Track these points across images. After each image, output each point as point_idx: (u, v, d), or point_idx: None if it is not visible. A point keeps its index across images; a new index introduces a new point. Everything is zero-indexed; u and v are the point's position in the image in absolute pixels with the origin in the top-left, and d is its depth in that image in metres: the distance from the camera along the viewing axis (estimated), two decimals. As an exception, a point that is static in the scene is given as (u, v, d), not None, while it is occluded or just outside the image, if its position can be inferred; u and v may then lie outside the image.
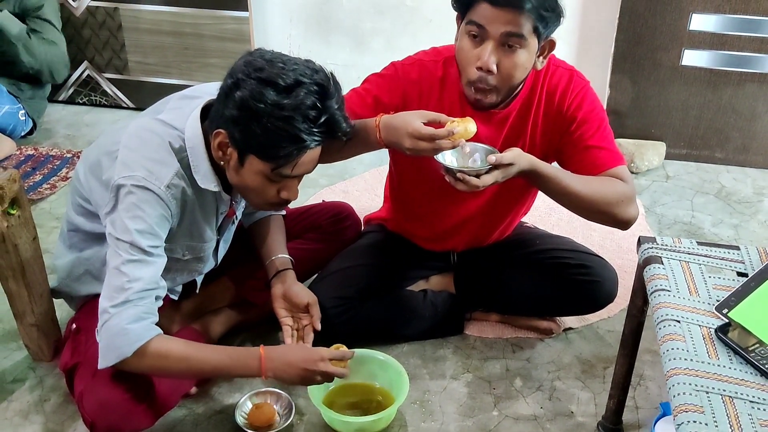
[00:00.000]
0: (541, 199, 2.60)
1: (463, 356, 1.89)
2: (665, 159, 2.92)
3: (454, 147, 1.48)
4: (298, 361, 1.49)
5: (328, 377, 1.52)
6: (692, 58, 2.77)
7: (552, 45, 1.59)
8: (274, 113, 1.33)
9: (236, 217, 1.71)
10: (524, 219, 2.05)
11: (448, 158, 1.52)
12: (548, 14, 1.49)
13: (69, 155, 2.82)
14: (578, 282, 1.81)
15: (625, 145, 2.85)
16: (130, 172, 1.41)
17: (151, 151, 1.44)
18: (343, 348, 1.58)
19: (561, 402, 1.75)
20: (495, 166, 1.46)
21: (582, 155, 1.65)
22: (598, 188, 1.60)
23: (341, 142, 1.49)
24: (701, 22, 2.70)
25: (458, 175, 1.46)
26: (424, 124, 1.47)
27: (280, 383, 1.62)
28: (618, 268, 1.92)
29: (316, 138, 1.38)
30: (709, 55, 2.75)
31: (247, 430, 1.62)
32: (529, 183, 1.62)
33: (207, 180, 1.48)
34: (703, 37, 2.72)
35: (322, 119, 1.37)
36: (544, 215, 2.51)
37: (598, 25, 2.91)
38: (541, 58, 1.59)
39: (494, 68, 1.52)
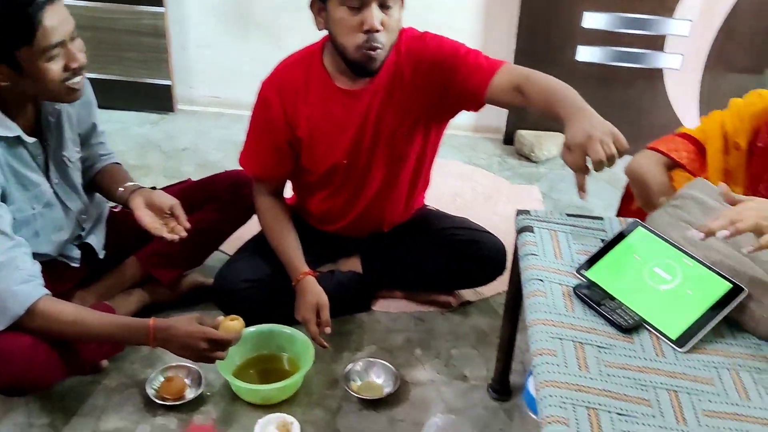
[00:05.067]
0: (447, 185, 2.76)
1: (369, 330, 2.01)
2: (564, 149, 3.11)
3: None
4: (181, 334, 1.56)
5: (209, 358, 1.60)
6: (586, 54, 2.97)
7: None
8: None
9: (67, 159, 1.73)
10: (429, 203, 2.19)
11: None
12: None
13: None
14: (469, 256, 1.96)
15: (525, 135, 3.03)
16: None
17: None
18: (238, 320, 1.64)
19: (456, 368, 1.89)
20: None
21: (471, 73, 1.72)
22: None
23: None
24: (593, 19, 2.90)
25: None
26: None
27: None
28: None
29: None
30: (601, 51, 2.95)
31: (157, 401, 1.69)
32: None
33: (3, 127, 1.55)
34: (596, 34, 2.92)
35: None
36: (449, 200, 2.66)
37: (500, 23, 3.08)
38: None
39: (381, 27, 1.60)
